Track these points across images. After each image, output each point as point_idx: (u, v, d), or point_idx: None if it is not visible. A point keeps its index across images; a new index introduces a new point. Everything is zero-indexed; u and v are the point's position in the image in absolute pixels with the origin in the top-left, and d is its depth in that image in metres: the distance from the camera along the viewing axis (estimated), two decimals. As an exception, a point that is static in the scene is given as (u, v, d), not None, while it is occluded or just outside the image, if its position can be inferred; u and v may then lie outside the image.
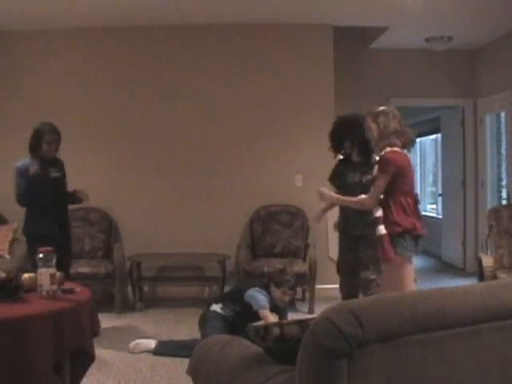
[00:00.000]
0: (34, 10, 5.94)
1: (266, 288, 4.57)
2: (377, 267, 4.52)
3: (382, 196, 3.99)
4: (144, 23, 6.60)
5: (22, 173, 4.81)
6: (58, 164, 5.00)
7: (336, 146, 5.00)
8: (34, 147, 4.84)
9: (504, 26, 6.78)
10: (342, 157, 5.03)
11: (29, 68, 6.70)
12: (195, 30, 6.75)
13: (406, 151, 4.16)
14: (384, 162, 3.94)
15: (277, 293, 4.54)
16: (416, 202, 4.05)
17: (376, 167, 4.03)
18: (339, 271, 5.01)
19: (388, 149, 3.99)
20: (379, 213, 4.08)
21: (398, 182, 3.92)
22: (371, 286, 4.77)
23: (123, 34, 6.73)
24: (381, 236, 3.95)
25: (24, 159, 4.89)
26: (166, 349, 4.63)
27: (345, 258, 4.90)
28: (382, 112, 4.05)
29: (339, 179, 4.97)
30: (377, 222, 3.99)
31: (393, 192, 3.94)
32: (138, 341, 4.76)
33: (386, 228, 3.94)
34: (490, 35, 7.22)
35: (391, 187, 3.93)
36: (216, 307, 4.61)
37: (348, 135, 4.88)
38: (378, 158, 4.09)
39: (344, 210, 4.82)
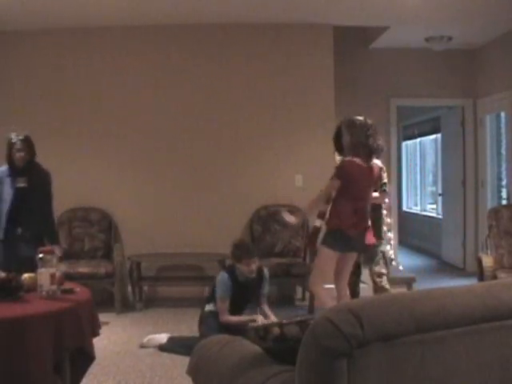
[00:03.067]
0: (38, 8, 5.95)
1: (232, 269, 4.68)
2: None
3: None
4: (148, 23, 6.59)
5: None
6: (31, 174, 4.97)
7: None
8: (6, 156, 4.96)
9: (504, 26, 6.78)
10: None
11: (26, 68, 6.70)
12: (194, 29, 6.74)
13: (377, 161, 4.68)
14: (339, 169, 4.42)
15: (242, 268, 4.61)
16: (356, 210, 4.41)
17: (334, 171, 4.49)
18: None
19: (348, 158, 4.43)
20: (318, 223, 4.94)
21: (347, 187, 4.37)
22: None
23: (122, 34, 6.73)
24: (315, 227, 4.94)
25: (2, 166, 5.03)
26: (174, 345, 4.62)
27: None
28: (351, 122, 4.46)
29: None
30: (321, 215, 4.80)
31: (339, 194, 4.41)
32: (150, 336, 4.83)
33: (326, 223, 4.53)
34: (489, 35, 7.22)
35: (340, 190, 4.40)
36: (209, 307, 4.73)
37: None
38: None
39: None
